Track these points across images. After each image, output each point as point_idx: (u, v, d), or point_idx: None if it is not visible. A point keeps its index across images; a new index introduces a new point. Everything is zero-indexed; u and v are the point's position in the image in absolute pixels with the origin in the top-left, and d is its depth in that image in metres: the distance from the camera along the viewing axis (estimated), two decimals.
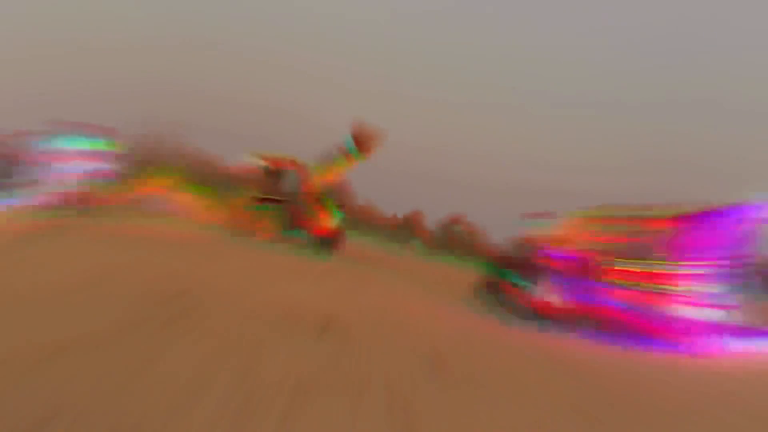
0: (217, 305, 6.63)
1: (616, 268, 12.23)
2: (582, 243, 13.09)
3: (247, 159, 19.83)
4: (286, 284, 9.41)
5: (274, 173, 19.19)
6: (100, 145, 19.51)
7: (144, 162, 20.14)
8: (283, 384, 4.27)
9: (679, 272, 11.96)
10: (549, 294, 12.53)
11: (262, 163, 19.30)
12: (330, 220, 18.55)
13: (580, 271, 12.89)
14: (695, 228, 12.12)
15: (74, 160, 19.17)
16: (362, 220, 25.17)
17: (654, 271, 12.01)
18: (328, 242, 18.10)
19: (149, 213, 18.43)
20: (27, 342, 4.32)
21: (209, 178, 21.59)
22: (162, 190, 20.12)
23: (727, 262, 11.97)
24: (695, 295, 11.62)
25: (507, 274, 13.50)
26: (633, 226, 12.88)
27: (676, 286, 11.70)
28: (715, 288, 11.97)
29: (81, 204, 17.91)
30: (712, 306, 11.58)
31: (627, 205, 13.32)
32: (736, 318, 11.31)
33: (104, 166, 19.56)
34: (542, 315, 12.25)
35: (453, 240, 28.07)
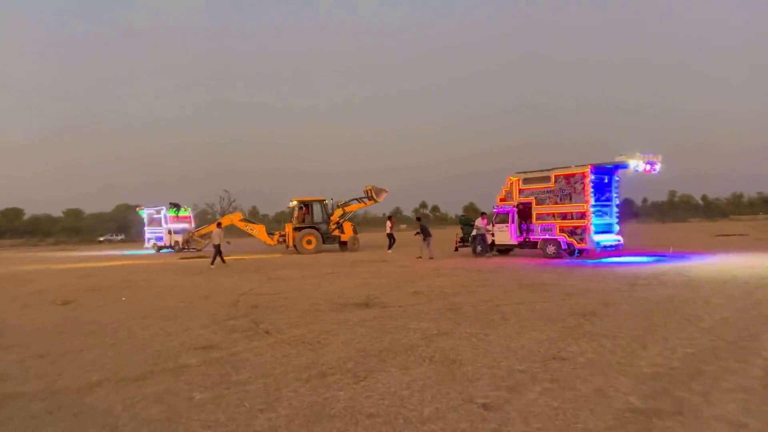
0: (299, 298, 14.49)
1: (543, 211, 20.06)
2: (518, 197, 20.92)
3: (289, 203, 29.37)
4: (331, 283, 14.74)
5: (306, 208, 28.79)
6: (186, 211, 33.68)
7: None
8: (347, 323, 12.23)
9: (586, 210, 18.71)
10: (501, 235, 21.58)
11: (295, 203, 28.93)
12: (348, 232, 28.11)
13: (520, 216, 20.86)
14: (591, 179, 18.67)
15: (176, 221, 38.45)
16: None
17: (570, 210, 19.21)
18: (347, 245, 27.92)
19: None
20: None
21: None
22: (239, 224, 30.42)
23: (614, 202, 20.04)
24: (597, 225, 18.85)
25: (471, 229, 22.86)
26: (551, 180, 19.89)
27: (585, 219, 18.76)
28: (609, 219, 19.72)
29: (184, 245, 30.09)
30: (608, 232, 19.40)
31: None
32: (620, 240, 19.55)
33: (189, 220, 38.64)
34: (498, 248, 21.57)
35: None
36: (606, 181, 19.48)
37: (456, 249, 24.48)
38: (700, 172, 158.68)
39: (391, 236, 29.21)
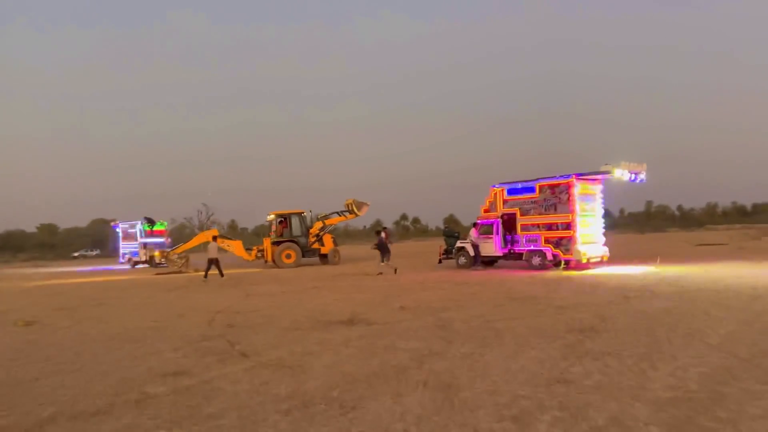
0: (279, 315, 13.95)
1: (527, 221, 19.71)
2: (503, 208, 20.50)
3: (268, 216, 28.71)
4: (313, 298, 13.69)
5: (285, 222, 28.18)
6: (161, 226, 32.79)
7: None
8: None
9: (572, 220, 18.33)
10: (485, 247, 21.19)
11: (273, 216, 28.33)
12: (329, 245, 27.57)
13: (505, 227, 20.48)
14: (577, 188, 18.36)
15: (151, 235, 38.31)
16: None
17: (555, 221, 18.82)
18: (328, 258, 27.43)
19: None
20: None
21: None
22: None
23: (599, 212, 19.65)
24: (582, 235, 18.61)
25: (455, 241, 22.57)
26: (535, 191, 19.40)
27: (571, 229, 18.38)
28: (594, 230, 19.38)
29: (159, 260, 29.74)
30: (594, 243, 19.15)
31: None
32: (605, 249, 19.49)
33: (165, 235, 38.78)
34: (482, 260, 21.29)
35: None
36: (590, 191, 19.21)
37: (440, 261, 24.12)
38: (674, 182, 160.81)
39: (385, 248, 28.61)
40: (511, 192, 20.44)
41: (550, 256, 19.01)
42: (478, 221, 21.44)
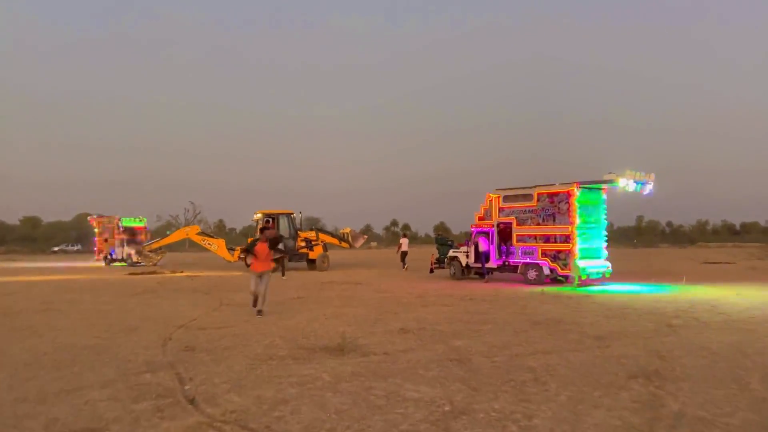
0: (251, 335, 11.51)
1: (524, 232, 18.00)
2: (498, 216, 18.83)
3: (253, 215, 26.76)
4: (296, 312, 11.01)
5: (272, 222, 26.23)
6: (140, 222, 31.59)
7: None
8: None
9: (571, 232, 16.63)
10: (477, 258, 19.53)
11: (260, 215, 26.41)
12: (318, 249, 25.69)
13: (500, 237, 18.84)
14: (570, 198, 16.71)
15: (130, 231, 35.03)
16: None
17: (553, 233, 17.10)
18: (316, 264, 26.07)
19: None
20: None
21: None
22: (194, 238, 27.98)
23: (602, 225, 17.62)
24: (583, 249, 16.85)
25: (447, 249, 21.20)
26: (531, 199, 17.78)
27: (569, 242, 16.65)
28: (597, 243, 17.38)
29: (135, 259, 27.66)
30: (595, 257, 17.22)
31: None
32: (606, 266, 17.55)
33: (144, 231, 36.11)
34: (474, 271, 19.99)
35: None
36: (593, 201, 17.36)
37: (431, 271, 22.60)
38: (664, 197, 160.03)
39: (404, 254, 27.41)
40: (507, 199, 18.75)
41: (547, 271, 17.29)
42: (473, 229, 19.75)
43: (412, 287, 17.05)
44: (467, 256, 20.05)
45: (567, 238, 16.77)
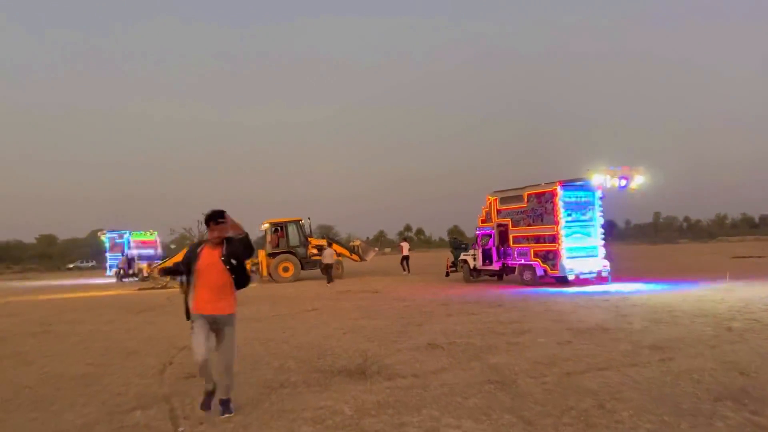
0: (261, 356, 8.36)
1: (519, 233, 17.67)
2: (497, 218, 18.63)
3: (262, 226, 25.99)
4: (310, 326, 10.42)
5: (281, 231, 25.45)
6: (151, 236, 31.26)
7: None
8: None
9: (557, 232, 16.21)
10: (485, 261, 19.23)
11: (267, 226, 25.71)
12: (332, 257, 24.76)
13: (499, 239, 18.52)
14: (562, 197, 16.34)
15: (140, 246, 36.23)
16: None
17: (542, 233, 16.78)
18: (330, 270, 24.71)
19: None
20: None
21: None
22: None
23: (597, 222, 16.86)
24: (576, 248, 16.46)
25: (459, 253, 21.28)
26: (522, 200, 17.55)
27: (556, 242, 16.28)
28: (591, 242, 16.74)
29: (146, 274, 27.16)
30: (591, 256, 16.61)
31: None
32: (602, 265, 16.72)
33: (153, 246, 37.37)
34: (483, 274, 19.86)
35: None
36: (585, 199, 16.71)
37: (447, 274, 22.27)
38: (680, 192, 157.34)
39: (406, 259, 27.29)
40: (503, 201, 18.52)
41: (540, 271, 16.85)
42: (478, 231, 19.74)
43: (432, 294, 16.07)
44: (474, 259, 19.89)
45: (554, 238, 16.37)
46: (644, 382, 5.46)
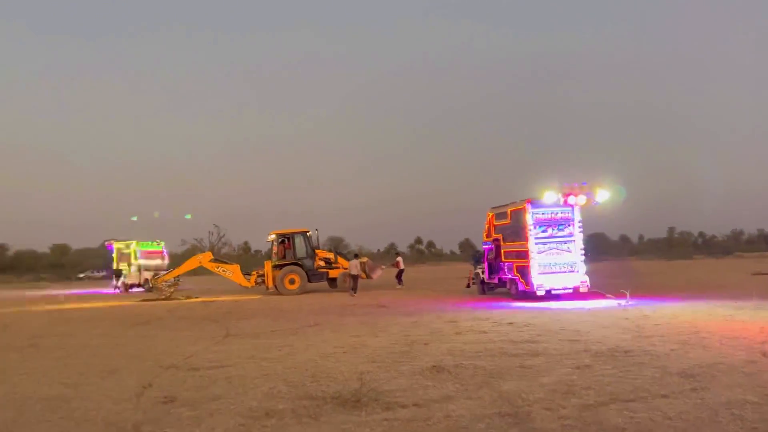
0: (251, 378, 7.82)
1: (507, 249, 17.99)
2: (494, 233, 19.02)
3: (268, 237, 25.50)
4: (308, 344, 10.06)
5: (288, 242, 24.91)
6: (157, 246, 35.89)
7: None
8: None
9: (528, 248, 16.44)
10: (490, 275, 19.39)
11: (273, 236, 25.21)
12: (358, 268, 24.00)
13: (495, 254, 18.74)
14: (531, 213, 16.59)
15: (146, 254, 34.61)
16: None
17: (519, 249, 17.06)
18: (337, 282, 25.24)
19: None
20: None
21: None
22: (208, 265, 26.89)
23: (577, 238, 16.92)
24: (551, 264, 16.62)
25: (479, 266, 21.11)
26: (507, 217, 18.00)
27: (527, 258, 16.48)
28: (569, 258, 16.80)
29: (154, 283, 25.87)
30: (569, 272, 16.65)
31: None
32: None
33: (162, 255, 35.79)
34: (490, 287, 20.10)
35: None
36: (562, 215, 16.88)
37: (468, 286, 22.45)
38: (694, 208, 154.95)
39: (401, 272, 27.08)
40: (497, 217, 19.05)
41: (521, 286, 17.01)
42: (484, 247, 20.07)
43: (441, 309, 15.38)
44: (482, 272, 20.20)
45: (526, 254, 16.69)
46: (677, 418, 4.77)
